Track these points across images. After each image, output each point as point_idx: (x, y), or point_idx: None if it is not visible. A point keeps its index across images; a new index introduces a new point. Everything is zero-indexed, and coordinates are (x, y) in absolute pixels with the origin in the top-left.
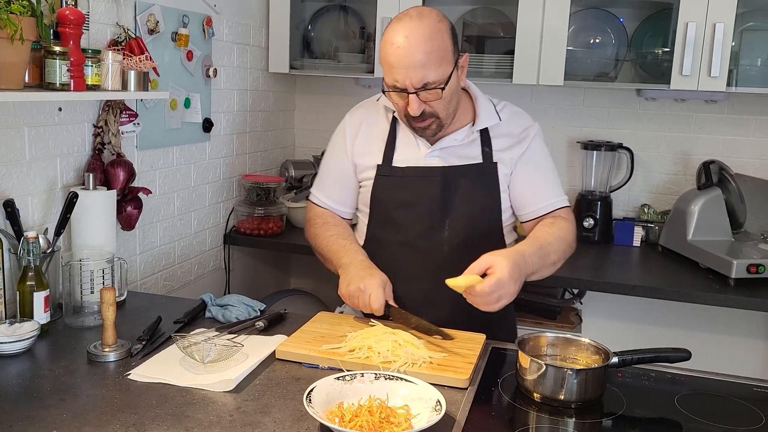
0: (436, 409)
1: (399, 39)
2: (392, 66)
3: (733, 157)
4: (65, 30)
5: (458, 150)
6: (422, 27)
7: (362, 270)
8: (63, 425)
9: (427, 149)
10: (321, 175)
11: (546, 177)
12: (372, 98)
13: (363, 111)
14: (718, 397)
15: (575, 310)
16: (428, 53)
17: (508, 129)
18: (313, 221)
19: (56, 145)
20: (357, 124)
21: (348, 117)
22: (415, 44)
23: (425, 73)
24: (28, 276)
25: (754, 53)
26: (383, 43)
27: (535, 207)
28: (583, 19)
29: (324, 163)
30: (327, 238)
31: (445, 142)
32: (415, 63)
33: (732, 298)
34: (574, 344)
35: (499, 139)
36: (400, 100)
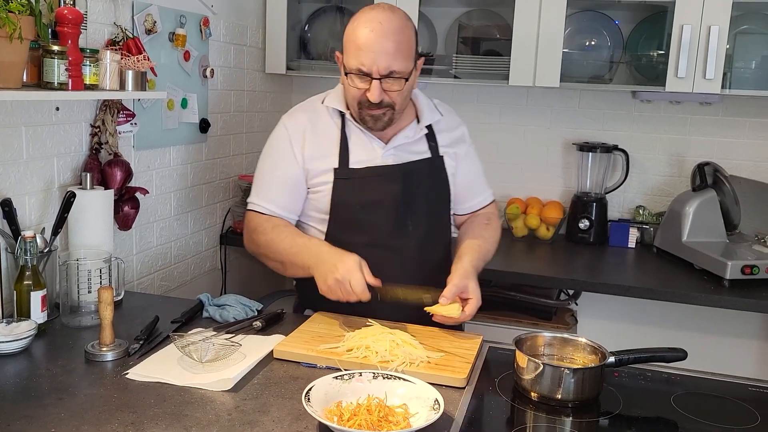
0: (434, 408)
1: (374, 24)
2: (361, 49)
3: (728, 158)
4: (63, 29)
5: (409, 147)
6: (395, 19)
7: (332, 258)
8: (61, 424)
9: (382, 149)
10: (264, 183)
11: (479, 173)
12: (310, 101)
13: (304, 114)
14: (714, 397)
15: (570, 311)
16: (398, 43)
17: (447, 125)
18: (260, 229)
19: (53, 144)
20: (301, 129)
21: (288, 122)
22: (389, 32)
23: (392, 61)
24: (25, 275)
25: (748, 56)
26: (353, 27)
27: (472, 202)
28: (578, 21)
29: (265, 171)
30: (283, 241)
31: (397, 140)
32: (386, 49)
33: (726, 299)
34: (571, 344)
35: (442, 134)
36: (361, 85)
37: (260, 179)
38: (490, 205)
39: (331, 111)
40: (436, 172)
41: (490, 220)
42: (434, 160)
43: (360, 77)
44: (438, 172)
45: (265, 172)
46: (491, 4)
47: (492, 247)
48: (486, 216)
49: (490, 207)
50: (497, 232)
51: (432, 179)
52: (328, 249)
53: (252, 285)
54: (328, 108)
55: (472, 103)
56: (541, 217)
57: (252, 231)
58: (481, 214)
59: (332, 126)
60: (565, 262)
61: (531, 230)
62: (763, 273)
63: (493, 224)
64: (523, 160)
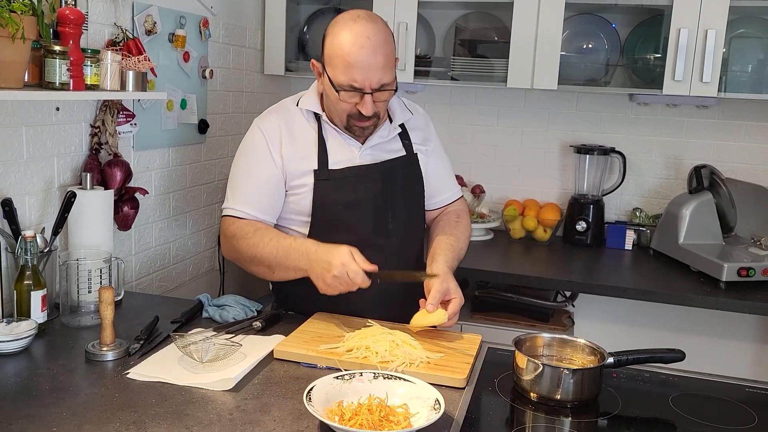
0: (435, 407)
1: (362, 39)
2: (353, 66)
3: (724, 161)
4: (65, 29)
5: (385, 146)
6: (379, 31)
7: (323, 256)
8: (63, 423)
9: (358, 149)
10: (240, 187)
11: (447, 169)
12: (282, 104)
13: (278, 117)
14: (712, 398)
15: (567, 313)
16: (386, 56)
17: (417, 123)
18: (240, 233)
19: (53, 144)
20: (276, 131)
21: (261, 124)
22: (377, 46)
23: (383, 75)
24: (25, 275)
25: (744, 59)
26: (339, 42)
27: (441, 197)
28: (576, 24)
29: (241, 174)
30: (267, 245)
31: (373, 140)
32: (377, 64)
33: (723, 301)
34: (570, 345)
35: (414, 132)
36: (352, 99)
37: (236, 183)
38: (459, 200)
39: (306, 113)
40: (411, 169)
41: (459, 217)
42: (409, 157)
43: (351, 93)
44: (413, 170)
45: (241, 175)
46: (489, 6)
47: (464, 244)
48: (456, 213)
49: (459, 203)
50: (468, 228)
51: (408, 177)
52: (315, 247)
53: (249, 286)
54: (303, 110)
55: (470, 106)
56: (539, 219)
57: (231, 237)
58: (451, 211)
59: (308, 128)
60: (562, 263)
61: (528, 232)
62: (759, 275)
63: (463, 221)
64: (521, 162)
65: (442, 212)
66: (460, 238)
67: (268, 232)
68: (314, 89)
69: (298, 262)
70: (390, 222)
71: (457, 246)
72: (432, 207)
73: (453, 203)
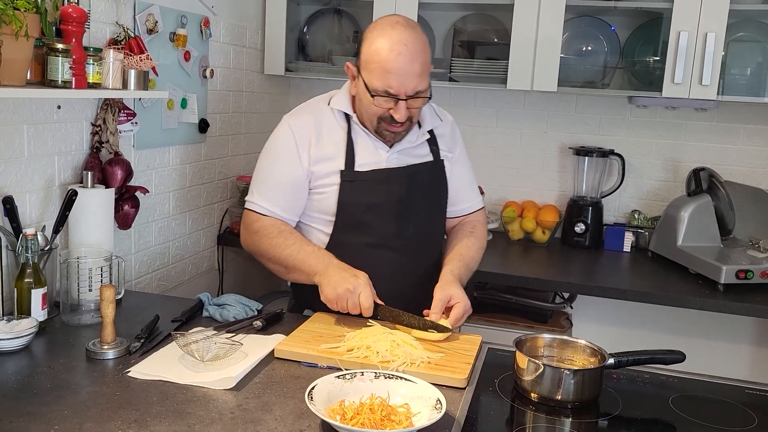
0: (436, 407)
1: (399, 47)
2: (390, 72)
3: (723, 164)
4: (68, 28)
5: (412, 150)
6: (417, 38)
7: (343, 272)
8: (64, 421)
9: (386, 152)
10: (265, 183)
11: (470, 178)
12: (313, 102)
13: (309, 116)
14: (712, 399)
15: (566, 314)
16: (423, 64)
17: (445, 129)
18: (264, 232)
19: (54, 142)
20: (306, 130)
21: (292, 122)
22: (415, 54)
23: (419, 81)
24: (26, 273)
25: (743, 62)
26: (376, 48)
27: (462, 206)
28: (576, 26)
29: (267, 170)
30: (289, 247)
31: (402, 144)
32: (414, 72)
33: (721, 303)
34: (571, 346)
35: (441, 138)
36: (386, 105)
37: (262, 179)
38: (478, 212)
39: (337, 113)
40: (437, 175)
41: (474, 228)
42: (436, 163)
43: (386, 98)
44: (438, 175)
45: (267, 171)
46: (489, 8)
47: (476, 254)
48: (471, 224)
49: (478, 214)
50: (481, 240)
51: (433, 182)
52: (337, 261)
53: (249, 285)
54: (334, 110)
55: (470, 107)
56: (537, 221)
57: (254, 233)
58: (467, 222)
59: (338, 128)
60: (561, 265)
61: (527, 233)
62: (757, 278)
63: (478, 232)
64: (520, 163)
65: (460, 222)
66: (471, 248)
67: (291, 235)
68: (346, 89)
69: (315, 266)
70: (411, 226)
71: (467, 255)
72: (452, 215)
73: (472, 213)
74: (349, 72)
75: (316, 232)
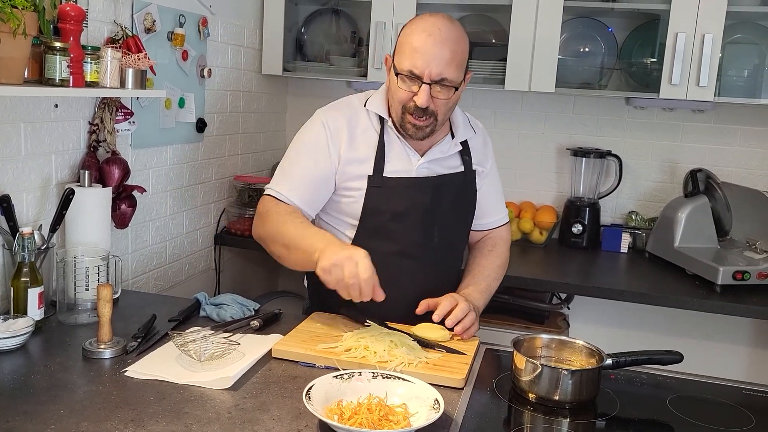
0: (434, 407)
1: (433, 29)
2: (417, 51)
3: (720, 165)
4: (66, 26)
5: (443, 161)
6: (453, 29)
7: (343, 245)
8: (61, 421)
9: (417, 161)
10: (289, 175)
11: (498, 192)
12: (348, 101)
13: (343, 114)
14: (709, 400)
15: (563, 315)
16: (454, 52)
17: (478, 141)
18: (273, 211)
19: (52, 141)
20: (340, 127)
21: (324, 117)
22: (446, 39)
23: (445, 68)
24: (22, 272)
25: (740, 64)
26: (410, 30)
27: (487, 220)
28: (573, 27)
29: (293, 163)
30: (295, 224)
31: (433, 153)
32: (441, 55)
33: (718, 304)
34: (569, 346)
35: (475, 150)
36: (409, 88)
37: (287, 170)
38: (503, 227)
39: (372, 115)
40: (467, 186)
41: (495, 245)
42: (467, 174)
43: (411, 79)
44: (469, 187)
45: (293, 164)
46: (487, 9)
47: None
48: (492, 241)
49: (502, 230)
50: (500, 257)
51: (461, 193)
52: (340, 242)
53: (246, 286)
54: (369, 112)
55: (467, 108)
56: (535, 222)
57: (264, 213)
58: (489, 238)
59: (371, 131)
60: (558, 266)
61: (524, 234)
62: (754, 279)
63: (498, 249)
64: (517, 164)
65: (484, 236)
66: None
67: (300, 216)
68: (383, 91)
69: (316, 243)
70: (436, 236)
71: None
72: (476, 228)
73: (497, 228)
74: (386, 64)
75: (339, 234)
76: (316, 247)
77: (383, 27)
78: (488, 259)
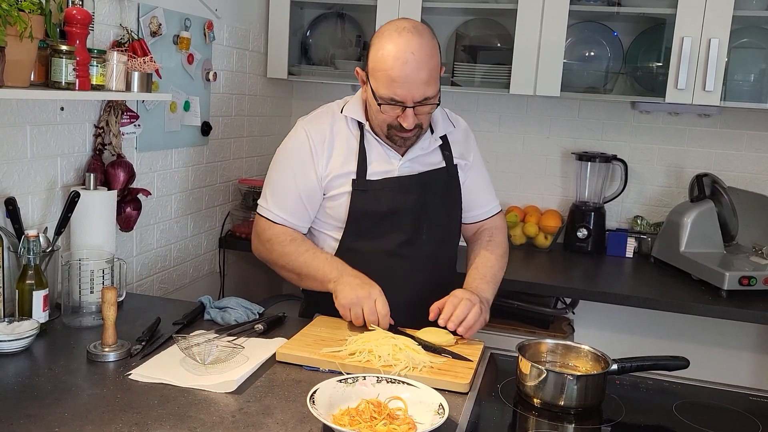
0: (438, 412)
1: (406, 55)
2: (395, 81)
3: (726, 170)
4: (72, 29)
5: (424, 158)
6: (425, 45)
7: (358, 279)
8: (65, 424)
9: (398, 161)
10: (278, 190)
11: (485, 182)
12: (327, 108)
13: (323, 123)
14: (715, 406)
15: (567, 320)
16: (431, 71)
17: (458, 135)
18: (276, 240)
19: (57, 144)
20: (322, 138)
21: (307, 128)
22: (422, 61)
23: (426, 89)
24: (27, 275)
25: (746, 69)
26: (383, 56)
27: (478, 211)
28: (579, 32)
29: (280, 176)
30: (302, 254)
31: (414, 152)
32: (420, 80)
33: (724, 310)
34: (574, 351)
35: (455, 144)
36: (392, 112)
37: (275, 185)
38: (496, 216)
39: (350, 121)
40: (450, 181)
41: (492, 236)
42: (449, 169)
43: (393, 106)
44: (452, 182)
45: (280, 178)
46: (492, 13)
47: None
48: (489, 232)
49: (496, 219)
50: (500, 246)
51: (446, 189)
52: (351, 269)
53: (250, 289)
54: (347, 117)
55: (472, 112)
56: (540, 226)
57: (266, 241)
58: (485, 230)
59: (350, 136)
60: (563, 270)
61: (529, 238)
62: (760, 284)
63: (496, 239)
64: (522, 168)
65: (479, 228)
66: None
67: (303, 243)
68: (359, 96)
69: (329, 273)
70: (424, 233)
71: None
72: (469, 221)
73: (490, 218)
74: (359, 77)
75: (327, 238)
76: (329, 277)
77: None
78: (488, 249)
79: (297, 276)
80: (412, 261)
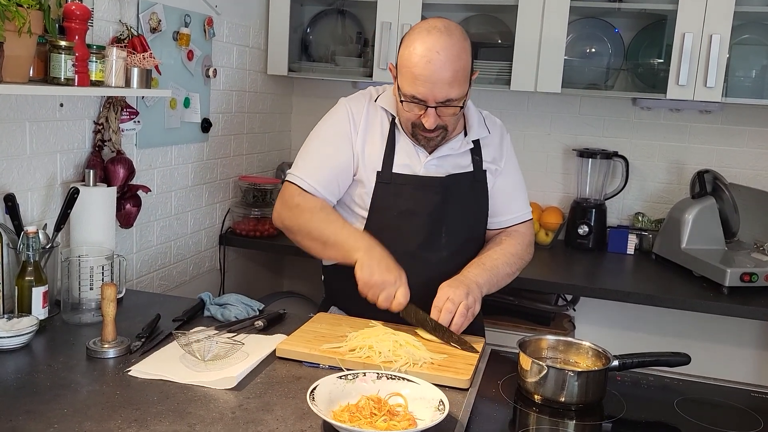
0: (439, 408)
1: (431, 54)
2: (418, 78)
3: (727, 167)
4: (71, 25)
5: (453, 159)
6: (453, 45)
7: (387, 260)
8: (64, 420)
9: (425, 158)
10: (313, 160)
11: (515, 190)
12: (365, 93)
13: (362, 106)
14: (717, 402)
15: (568, 317)
16: (456, 72)
17: (493, 140)
18: (306, 206)
19: (57, 140)
20: (362, 117)
21: (350, 105)
22: (446, 61)
23: (449, 90)
24: (27, 271)
25: (747, 65)
26: (409, 53)
27: (502, 218)
28: (580, 28)
29: (318, 147)
30: (333, 222)
31: (442, 151)
32: (443, 80)
33: (725, 306)
34: (575, 347)
35: (487, 149)
36: (414, 111)
37: (310, 155)
38: (524, 224)
39: (383, 111)
40: (476, 186)
41: (509, 235)
42: (476, 174)
43: (415, 104)
44: (479, 187)
45: (317, 148)
46: (493, 9)
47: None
48: (506, 232)
49: (523, 226)
50: (513, 247)
51: (472, 194)
52: (380, 250)
53: (250, 286)
54: (382, 108)
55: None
56: (541, 223)
57: (295, 207)
58: (505, 231)
59: (384, 126)
60: (564, 267)
61: None
62: (762, 281)
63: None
64: (523, 165)
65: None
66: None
67: (334, 212)
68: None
69: (358, 243)
70: (443, 236)
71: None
72: (493, 226)
73: (514, 226)
74: (392, 73)
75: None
76: (357, 245)
77: (389, 27)
78: (498, 245)
79: (321, 245)
80: (428, 264)
